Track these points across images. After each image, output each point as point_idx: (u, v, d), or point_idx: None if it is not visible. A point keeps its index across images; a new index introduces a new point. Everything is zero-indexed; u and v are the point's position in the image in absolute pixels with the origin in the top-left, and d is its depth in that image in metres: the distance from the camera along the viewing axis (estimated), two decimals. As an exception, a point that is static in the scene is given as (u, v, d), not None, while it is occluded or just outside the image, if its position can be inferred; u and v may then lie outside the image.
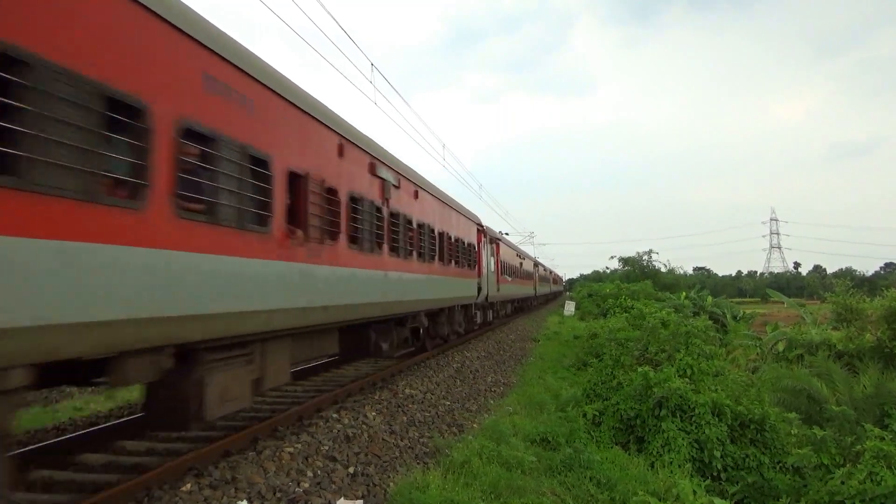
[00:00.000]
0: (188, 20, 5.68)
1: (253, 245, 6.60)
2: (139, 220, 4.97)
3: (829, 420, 13.35)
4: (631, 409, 11.55)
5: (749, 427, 11.30)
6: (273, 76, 7.28)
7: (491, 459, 7.84)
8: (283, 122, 7.42)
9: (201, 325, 5.73)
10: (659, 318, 16.41)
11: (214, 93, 6.03)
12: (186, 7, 5.79)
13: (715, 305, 40.87)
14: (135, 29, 4.99)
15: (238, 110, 6.43)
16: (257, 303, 6.68)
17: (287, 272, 7.32)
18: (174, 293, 5.36)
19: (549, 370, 17.55)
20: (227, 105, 6.23)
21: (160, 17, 5.25)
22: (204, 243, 5.80)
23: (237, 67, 6.42)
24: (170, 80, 5.41)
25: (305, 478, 6.38)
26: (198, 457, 6.29)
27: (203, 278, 5.75)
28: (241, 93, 6.49)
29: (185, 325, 5.50)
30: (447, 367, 14.67)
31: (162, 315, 5.20)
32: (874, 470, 9.08)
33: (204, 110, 5.85)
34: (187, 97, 5.64)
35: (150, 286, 5.07)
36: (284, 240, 7.27)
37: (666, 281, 66.50)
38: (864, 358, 19.91)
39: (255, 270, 6.62)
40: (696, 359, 13.38)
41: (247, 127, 6.56)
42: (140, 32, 5.05)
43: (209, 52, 5.95)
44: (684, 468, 9.89)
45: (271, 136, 7.05)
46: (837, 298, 26.82)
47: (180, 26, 5.51)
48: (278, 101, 7.32)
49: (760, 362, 24.48)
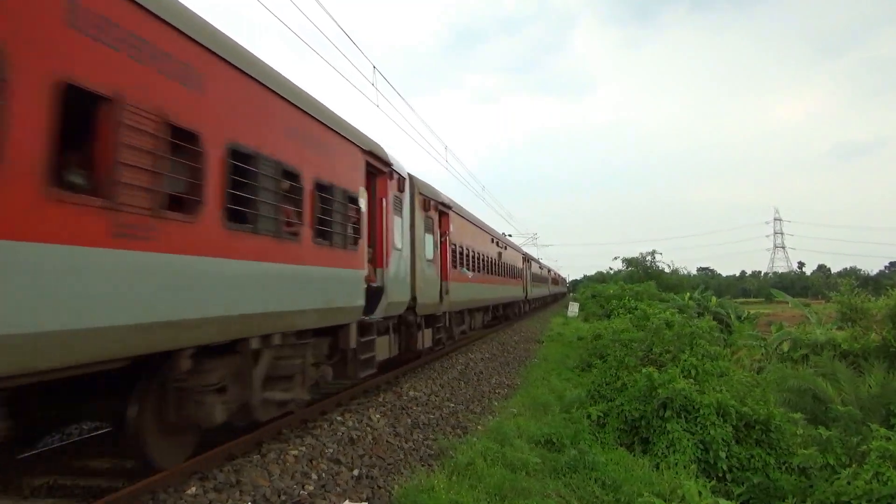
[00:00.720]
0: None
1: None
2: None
3: (834, 420, 13.32)
4: (635, 411, 11.53)
5: (754, 427, 11.27)
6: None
7: (495, 461, 7.83)
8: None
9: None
10: (663, 319, 16.39)
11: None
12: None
13: (719, 306, 40.88)
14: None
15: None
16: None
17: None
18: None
19: (554, 371, 17.52)
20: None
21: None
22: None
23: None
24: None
25: (310, 480, 6.37)
26: (202, 460, 6.29)
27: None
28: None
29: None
30: (451, 370, 14.66)
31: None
32: (880, 470, 9.04)
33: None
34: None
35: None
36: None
37: (670, 281, 66.39)
38: (869, 357, 19.86)
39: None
40: (700, 359, 13.36)
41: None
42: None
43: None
44: (689, 469, 9.86)
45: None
46: (842, 298, 26.76)
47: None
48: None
49: (765, 362, 24.44)
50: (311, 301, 7.75)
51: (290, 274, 7.19)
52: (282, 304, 7.00)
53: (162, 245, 5.06)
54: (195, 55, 5.60)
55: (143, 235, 4.84)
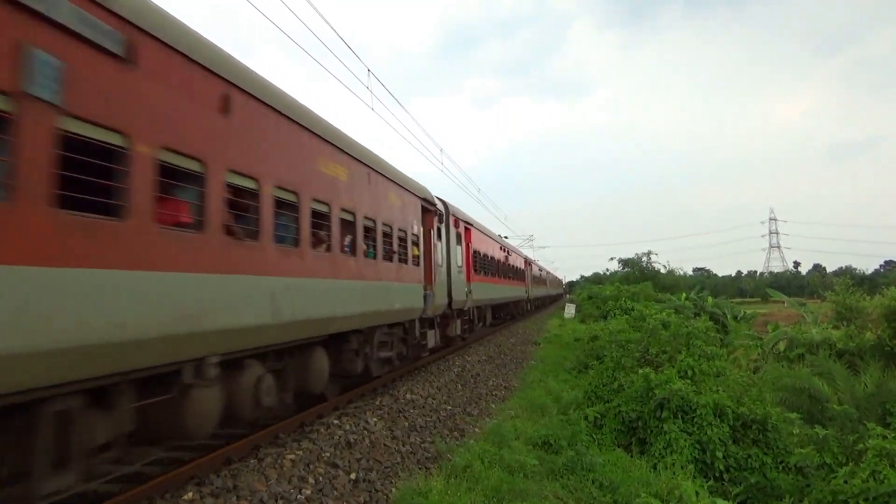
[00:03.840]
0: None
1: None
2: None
3: (831, 419, 13.35)
4: (633, 411, 11.54)
5: (751, 427, 11.29)
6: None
7: (493, 463, 7.83)
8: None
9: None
10: (660, 320, 16.42)
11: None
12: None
13: (715, 306, 40.85)
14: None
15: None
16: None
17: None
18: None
19: (551, 373, 17.52)
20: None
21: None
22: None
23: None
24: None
25: (307, 485, 6.36)
26: (199, 465, 6.28)
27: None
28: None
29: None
30: (448, 372, 14.65)
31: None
32: (877, 468, 9.06)
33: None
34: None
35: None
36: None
37: (666, 282, 66.51)
38: (865, 356, 19.94)
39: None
40: (697, 360, 13.38)
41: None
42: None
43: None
44: (687, 469, 9.87)
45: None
46: (838, 297, 26.87)
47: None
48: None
49: (762, 362, 24.46)
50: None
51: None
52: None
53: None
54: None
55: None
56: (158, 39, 5.25)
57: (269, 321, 6.90)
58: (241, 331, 6.36)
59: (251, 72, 7.00)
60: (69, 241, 4.32)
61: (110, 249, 4.66)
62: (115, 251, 4.70)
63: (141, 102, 5.04)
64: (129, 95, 4.91)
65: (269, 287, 6.90)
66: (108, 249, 4.64)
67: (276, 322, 7.03)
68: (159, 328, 5.10)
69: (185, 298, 5.43)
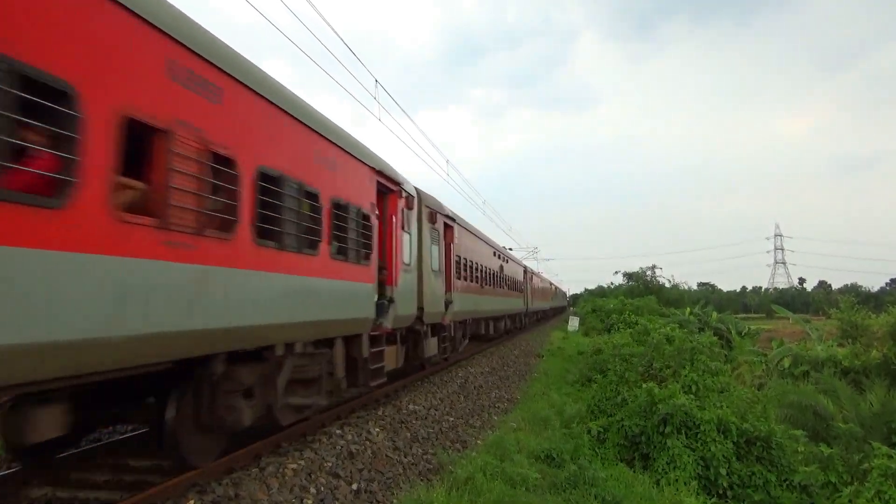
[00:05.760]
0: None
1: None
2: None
3: (835, 437, 13.27)
4: (636, 426, 11.49)
5: (755, 444, 11.22)
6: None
7: (495, 476, 7.79)
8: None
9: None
10: (664, 334, 16.38)
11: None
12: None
13: (720, 321, 40.79)
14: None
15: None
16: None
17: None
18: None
19: (554, 386, 17.46)
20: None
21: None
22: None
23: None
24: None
25: (309, 494, 6.34)
26: (201, 474, 6.27)
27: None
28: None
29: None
30: (451, 383, 14.62)
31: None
32: (882, 488, 9.01)
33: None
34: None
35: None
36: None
37: (670, 296, 66.34)
38: (870, 374, 19.82)
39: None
40: (701, 375, 13.34)
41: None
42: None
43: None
44: (690, 486, 9.81)
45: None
46: (843, 315, 26.76)
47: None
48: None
49: (766, 378, 24.37)
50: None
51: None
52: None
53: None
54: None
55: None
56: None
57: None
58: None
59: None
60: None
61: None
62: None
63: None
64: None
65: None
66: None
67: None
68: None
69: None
